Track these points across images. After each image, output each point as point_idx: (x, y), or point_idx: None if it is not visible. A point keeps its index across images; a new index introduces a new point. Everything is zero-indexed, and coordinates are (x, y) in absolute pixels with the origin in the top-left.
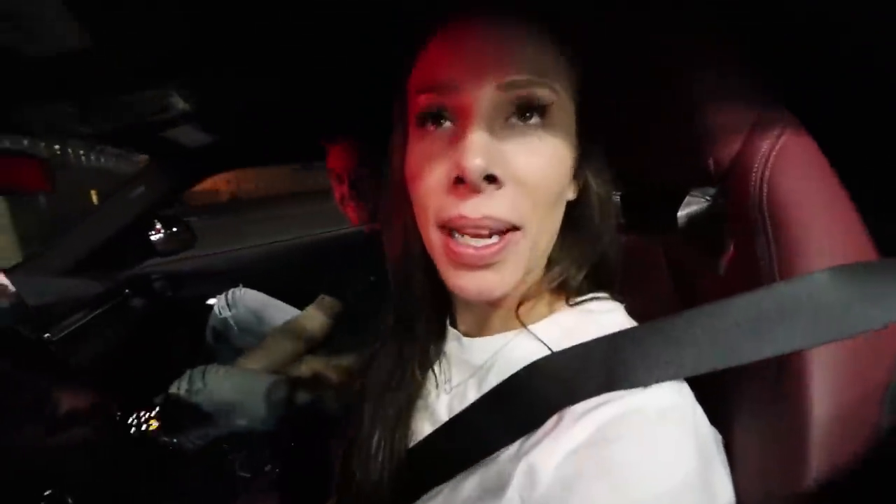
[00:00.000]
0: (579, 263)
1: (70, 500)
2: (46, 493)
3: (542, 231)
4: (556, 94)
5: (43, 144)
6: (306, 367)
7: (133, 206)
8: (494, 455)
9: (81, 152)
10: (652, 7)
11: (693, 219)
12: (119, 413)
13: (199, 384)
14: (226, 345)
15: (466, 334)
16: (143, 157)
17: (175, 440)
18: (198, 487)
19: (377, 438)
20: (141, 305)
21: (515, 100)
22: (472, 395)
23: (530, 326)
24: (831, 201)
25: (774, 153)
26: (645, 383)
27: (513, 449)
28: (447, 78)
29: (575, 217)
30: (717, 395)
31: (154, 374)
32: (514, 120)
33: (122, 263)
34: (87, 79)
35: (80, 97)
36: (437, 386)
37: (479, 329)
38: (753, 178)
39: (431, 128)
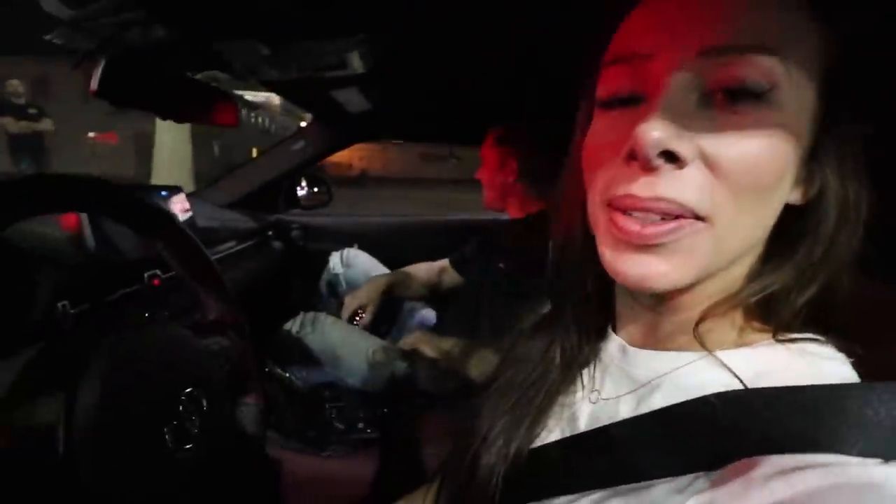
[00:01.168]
0: (797, 286)
1: (204, 402)
2: (187, 390)
3: (737, 228)
4: (787, 71)
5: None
6: (410, 341)
7: (292, 157)
8: (645, 484)
9: (252, 113)
10: None
11: None
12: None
13: (308, 328)
14: (335, 298)
15: (631, 344)
16: (302, 123)
17: (287, 374)
18: (297, 424)
19: (500, 430)
20: (279, 247)
21: (725, 71)
22: (626, 413)
23: (716, 353)
24: None
25: None
26: (882, 456)
27: (677, 484)
28: (640, 47)
29: (798, 227)
30: None
31: (275, 310)
32: (721, 97)
33: (271, 208)
34: (285, 21)
35: (276, 40)
36: (582, 391)
37: (646, 341)
38: None
39: (616, 109)
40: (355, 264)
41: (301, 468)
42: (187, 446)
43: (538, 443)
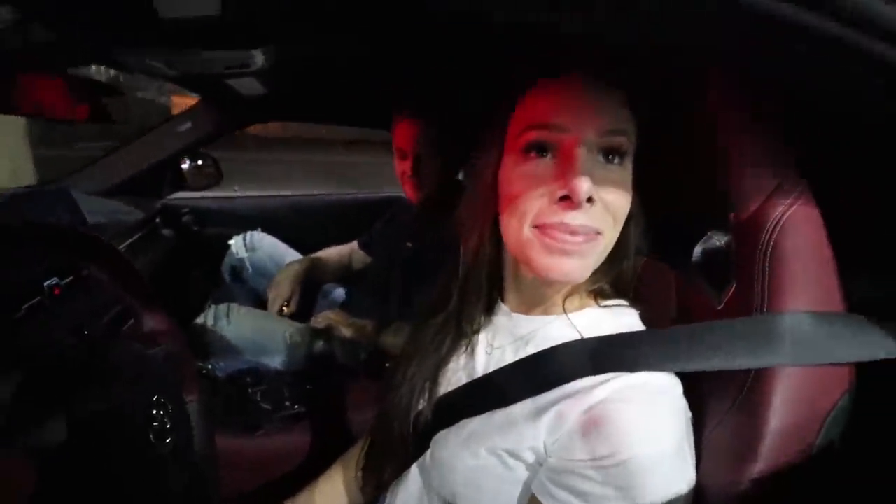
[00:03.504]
0: (611, 272)
1: (169, 405)
2: (155, 397)
3: (612, 239)
4: (631, 143)
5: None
6: (322, 319)
7: (177, 139)
8: (519, 403)
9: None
10: (700, 84)
11: (707, 255)
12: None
13: (224, 320)
14: (241, 284)
15: (513, 311)
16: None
17: (209, 365)
18: (224, 412)
19: (421, 379)
20: (169, 235)
21: (607, 144)
22: (509, 359)
23: (561, 317)
24: (822, 266)
25: (785, 218)
26: (647, 369)
27: (535, 402)
28: (559, 121)
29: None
30: (697, 390)
31: (175, 304)
32: (600, 158)
33: (157, 192)
34: (195, 34)
35: (181, 48)
36: (477, 346)
37: (525, 309)
38: (763, 237)
39: (533, 155)
40: (260, 247)
41: (238, 451)
42: (167, 441)
43: (451, 387)
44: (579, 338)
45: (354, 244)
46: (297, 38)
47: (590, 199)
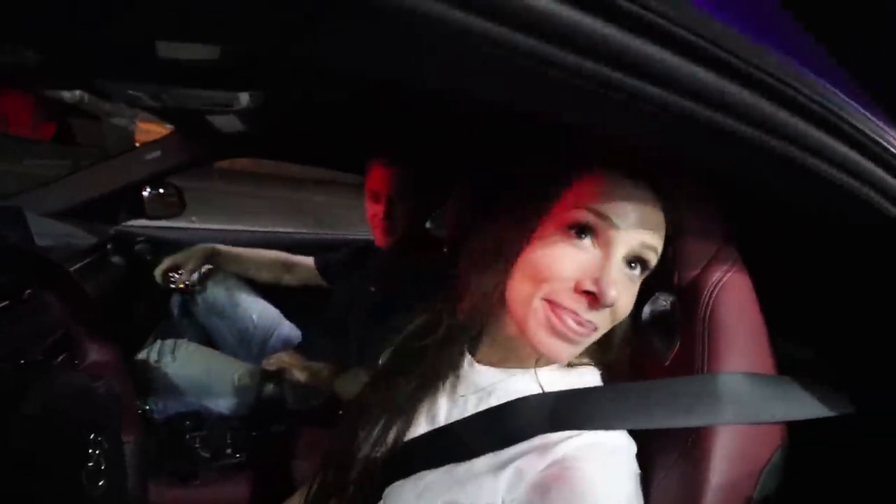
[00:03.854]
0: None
1: (106, 444)
2: (92, 435)
3: (602, 333)
4: (657, 256)
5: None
6: (275, 361)
7: (143, 166)
8: (480, 457)
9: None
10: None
11: (654, 315)
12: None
13: (168, 357)
14: (190, 319)
15: (479, 361)
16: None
17: (146, 405)
18: (158, 458)
19: (380, 424)
20: (119, 263)
21: (639, 255)
22: (472, 409)
23: (528, 371)
24: (755, 329)
25: (722, 283)
26: (605, 428)
27: (496, 457)
28: (617, 217)
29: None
30: (645, 446)
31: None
32: (625, 265)
33: (112, 218)
34: (186, 73)
35: (166, 83)
36: (445, 394)
37: (492, 361)
38: (703, 299)
39: (573, 234)
40: (215, 284)
41: (170, 501)
42: (100, 483)
43: (410, 436)
44: (540, 392)
45: (310, 260)
46: (288, 86)
47: (609, 306)
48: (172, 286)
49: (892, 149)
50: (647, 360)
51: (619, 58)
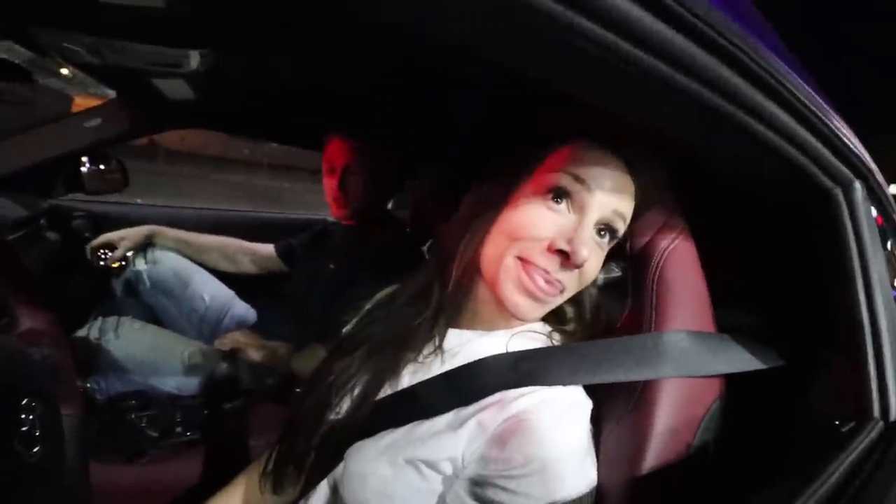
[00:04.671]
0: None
1: (40, 409)
2: (24, 400)
3: (568, 296)
4: (626, 226)
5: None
6: (231, 341)
7: (83, 135)
8: (443, 415)
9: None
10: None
11: (608, 281)
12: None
13: (110, 335)
14: (134, 299)
15: (449, 325)
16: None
17: (87, 384)
18: (104, 437)
19: (348, 390)
20: (54, 239)
21: (610, 221)
22: (436, 370)
23: (495, 332)
24: (699, 293)
25: (670, 249)
26: (562, 383)
27: (455, 415)
28: (594, 184)
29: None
30: (598, 400)
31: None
32: (595, 231)
33: (47, 191)
34: (129, 23)
35: (107, 34)
36: (410, 357)
37: (461, 324)
38: (653, 264)
39: (551, 197)
40: (162, 261)
41: (114, 481)
42: (35, 450)
43: (381, 395)
44: (504, 352)
45: (269, 247)
46: (240, 47)
47: (579, 266)
48: (102, 264)
49: (832, 126)
50: (601, 324)
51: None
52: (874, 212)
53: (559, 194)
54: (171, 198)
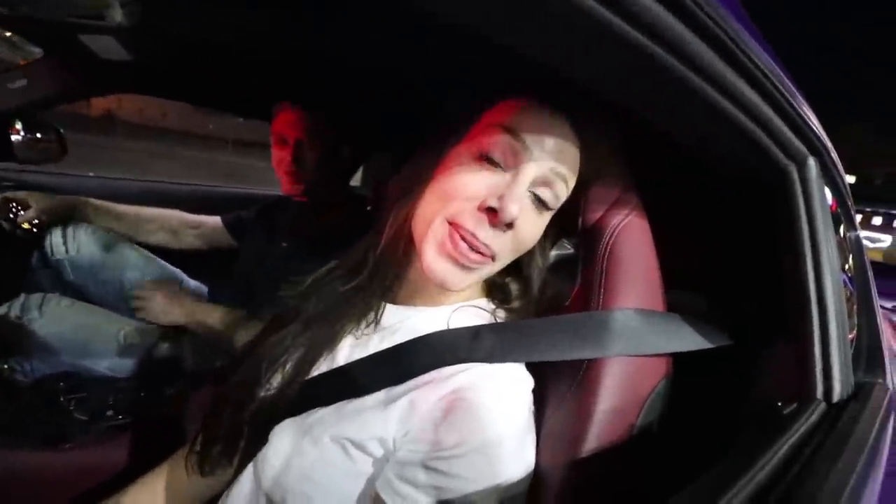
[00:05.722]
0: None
1: None
2: None
3: (499, 267)
4: (564, 195)
5: None
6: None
7: (7, 97)
8: (374, 393)
9: None
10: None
11: (559, 258)
12: None
13: (34, 312)
14: (54, 275)
15: (387, 301)
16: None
17: (6, 365)
18: (26, 422)
19: (281, 366)
20: None
21: (548, 180)
22: (374, 347)
23: (436, 308)
24: (649, 271)
25: (621, 227)
26: (500, 361)
27: (387, 393)
28: (530, 139)
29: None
30: (541, 378)
31: None
32: (531, 196)
33: None
34: None
35: None
36: (347, 334)
37: (400, 299)
38: (602, 242)
39: (484, 161)
40: (87, 245)
41: (41, 466)
42: None
43: (309, 375)
44: (444, 329)
45: (216, 219)
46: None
47: (510, 225)
48: (10, 219)
49: (791, 102)
50: (549, 301)
51: None
52: (829, 197)
53: (493, 152)
54: (136, 175)
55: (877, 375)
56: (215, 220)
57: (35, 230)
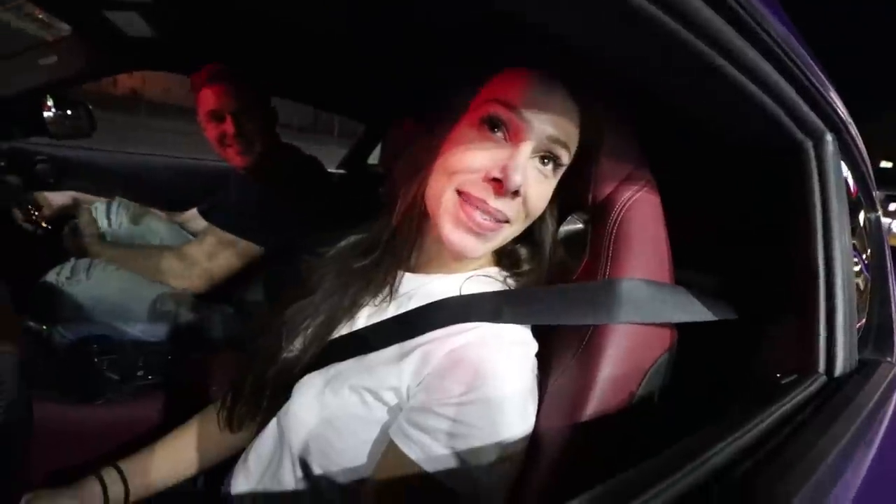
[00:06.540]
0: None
1: None
2: None
3: (515, 231)
4: (568, 160)
5: None
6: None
7: (39, 73)
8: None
9: None
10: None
11: (569, 232)
12: None
13: (81, 275)
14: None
15: (405, 270)
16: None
17: (45, 327)
18: (62, 379)
19: (304, 332)
20: (16, 183)
21: (548, 149)
22: (391, 313)
23: (450, 276)
24: (657, 244)
25: (630, 202)
26: (508, 321)
27: (401, 347)
28: (525, 110)
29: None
30: (548, 344)
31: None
32: (538, 160)
33: (6, 133)
34: None
35: None
36: (367, 301)
37: (416, 267)
38: (612, 216)
39: (486, 128)
40: (121, 217)
41: (69, 417)
42: None
43: (336, 334)
44: (458, 294)
45: (193, 211)
46: None
47: (516, 193)
48: (29, 225)
49: (810, 76)
50: (557, 274)
51: None
52: (851, 183)
53: (493, 124)
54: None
55: (885, 354)
56: (192, 212)
57: (50, 227)
